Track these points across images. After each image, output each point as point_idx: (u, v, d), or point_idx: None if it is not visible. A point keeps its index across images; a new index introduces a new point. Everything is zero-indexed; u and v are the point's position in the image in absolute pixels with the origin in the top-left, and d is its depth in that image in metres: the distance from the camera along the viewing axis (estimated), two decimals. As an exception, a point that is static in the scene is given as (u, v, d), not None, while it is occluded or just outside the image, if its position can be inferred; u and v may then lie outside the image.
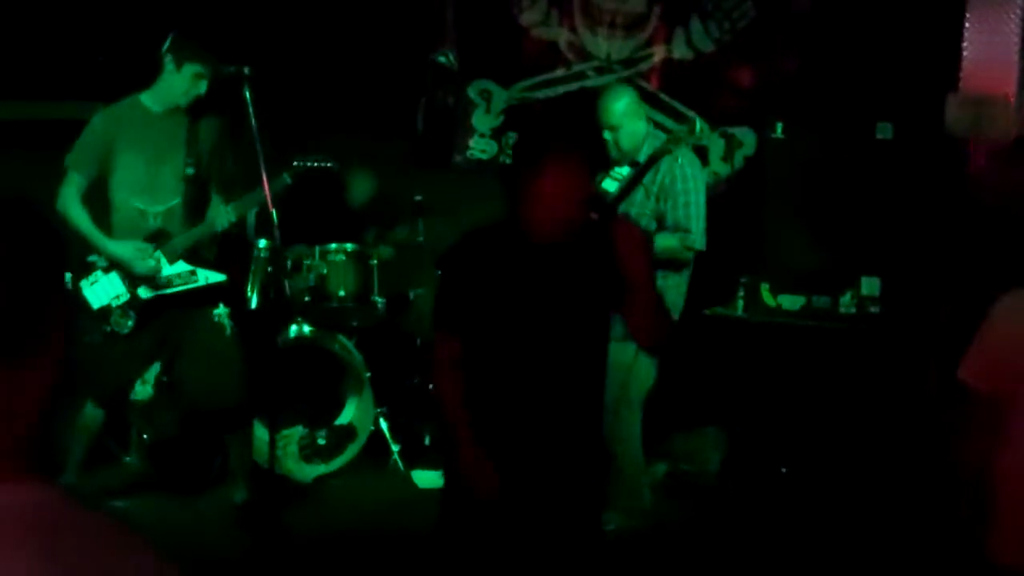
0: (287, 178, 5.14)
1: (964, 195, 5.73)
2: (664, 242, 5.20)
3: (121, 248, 5.11)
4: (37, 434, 1.21)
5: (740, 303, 6.07)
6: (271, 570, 4.87)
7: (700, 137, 5.37)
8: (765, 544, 5.10)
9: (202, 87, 5.07)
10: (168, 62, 5.05)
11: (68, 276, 5.09)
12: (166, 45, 5.06)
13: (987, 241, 5.46)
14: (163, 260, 5.15)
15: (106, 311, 5.14)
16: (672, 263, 5.27)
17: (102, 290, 5.17)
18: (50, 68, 6.01)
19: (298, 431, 6.05)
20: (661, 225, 5.22)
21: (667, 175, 5.16)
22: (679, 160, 5.18)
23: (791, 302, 6.10)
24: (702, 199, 5.27)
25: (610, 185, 5.28)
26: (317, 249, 6.05)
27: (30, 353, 1.19)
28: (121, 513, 5.10)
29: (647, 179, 5.14)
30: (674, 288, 5.35)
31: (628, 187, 5.16)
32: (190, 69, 5.03)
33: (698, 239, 5.23)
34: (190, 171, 5.14)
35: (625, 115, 5.24)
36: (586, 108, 5.84)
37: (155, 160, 5.11)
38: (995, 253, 5.42)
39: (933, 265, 5.74)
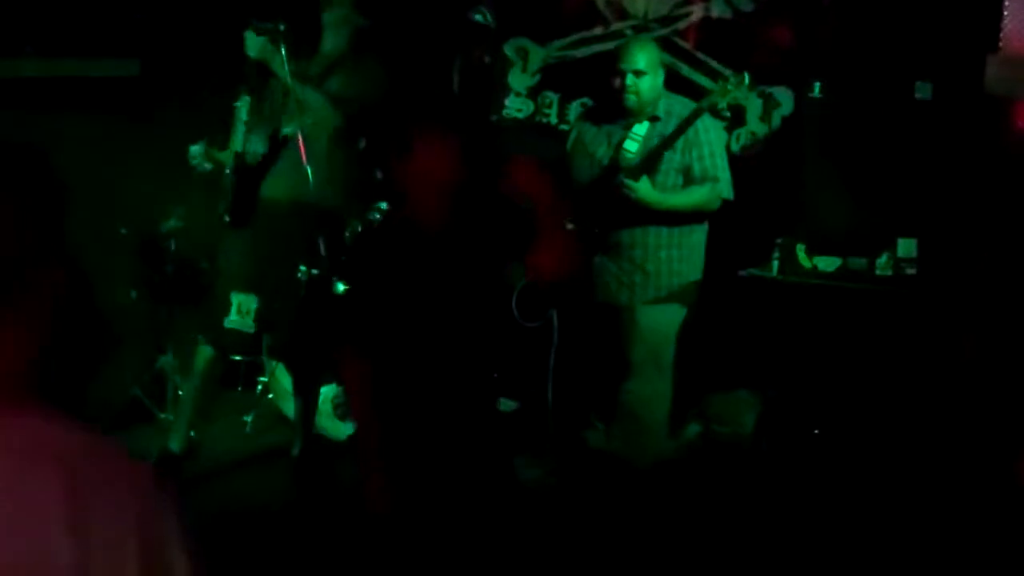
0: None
1: (1004, 156, 5.67)
2: (695, 195, 5.28)
3: None
4: (37, 369, 1.26)
5: (775, 264, 6.04)
6: (308, 524, 4.92)
7: (735, 96, 5.40)
8: (797, 506, 5.10)
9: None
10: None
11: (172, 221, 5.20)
12: None
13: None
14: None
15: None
16: (700, 215, 5.35)
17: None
18: (86, 25, 6.01)
19: (332, 389, 6.08)
20: (688, 178, 5.28)
21: (690, 128, 5.21)
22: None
23: (827, 263, 6.06)
24: (724, 151, 5.46)
25: (631, 145, 5.29)
26: (354, 207, 6.05)
27: (16, 292, 1.24)
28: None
29: (669, 132, 5.18)
30: (698, 245, 5.38)
31: (658, 151, 5.17)
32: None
33: (725, 188, 5.33)
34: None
35: (650, 63, 5.28)
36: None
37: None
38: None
39: (970, 227, 5.69)
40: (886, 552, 4.68)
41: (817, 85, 6.24)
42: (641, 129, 5.28)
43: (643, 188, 5.18)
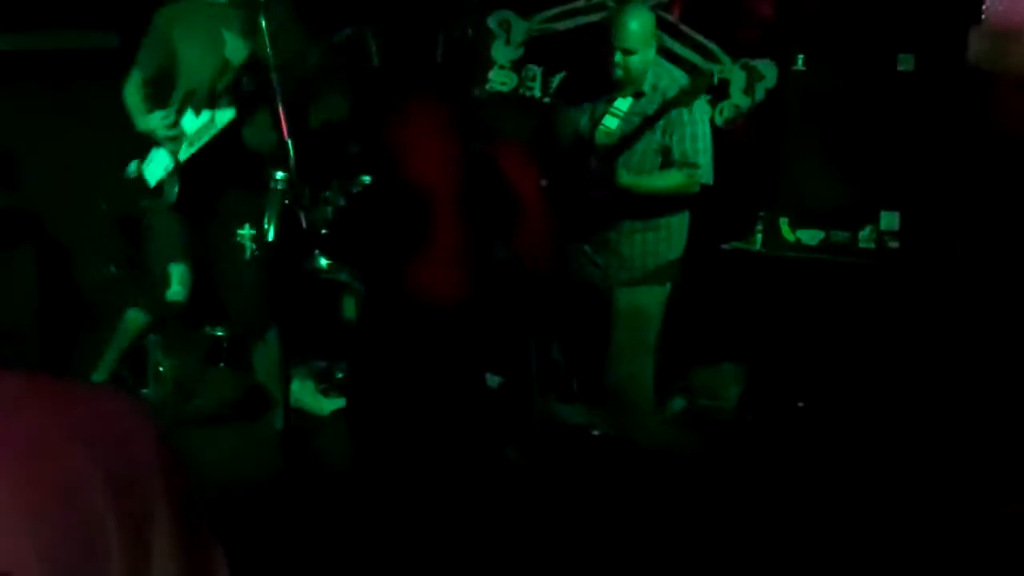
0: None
1: (987, 129, 5.67)
2: (672, 179, 5.19)
3: (149, 119, 5.24)
4: None
5: (759, 237, 6.05)
6: (295, 498, 4.90)
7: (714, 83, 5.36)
8: (780, 479, 5.11)
9: None
10: None
11: (134, 164, 5.24)
12: None
13: (1009, 176, 5.42)
14: (190, 115, 5.21)
15: (160, 185, 5.24)
16: (678, 199, 5.26)
17: (156, 166, 5.30)
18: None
19: (316, 365, 6.07)
20: (667, 159, 5.19)
21: (672, 110, 5.12)
22: (683, 84, 5.20)
23: (810, 236, 6.07)
24: (708, 130, 5.28)
25: (610, 122, 5.23)
26: (335, 182, 6.03)
27: None
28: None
29: (652, 110, 5.11)
30: (677, 226, 5.34)
31: (635, 134, 5.11)
32: None
33: (705, 173, 5.23)
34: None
35: (643, 40, 5.17)
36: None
37: (213, 49, 5.15)
38: (1016, 188, 5.38)
39: (953, 200, 5.69)
40: (869, 525, 4.69)
41: (800, 58, 6.23)
42: (623, 105, 5.20)
43: (618, 172, 5.12)
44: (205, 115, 5.29)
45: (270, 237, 5.51)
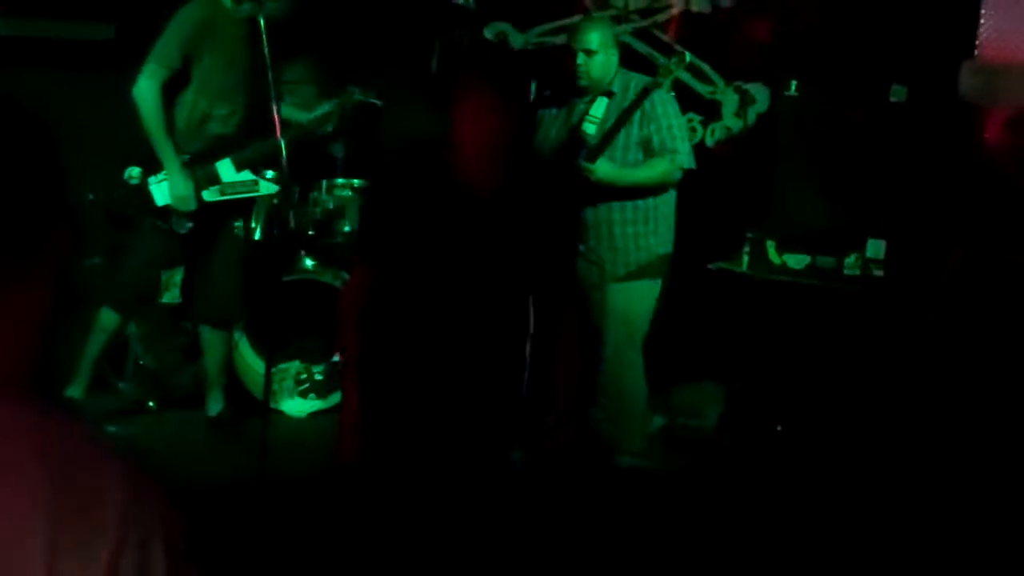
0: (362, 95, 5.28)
1: (975, 162, 5.71)
2: (655, 168, 5.30)
3: (174, 174, 5.24)
4: (39, 353, 1.15)
5: (745, 259, 6.06)
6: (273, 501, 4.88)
7: (676, 76, 5.47)
8: (755, 502, 5.11)
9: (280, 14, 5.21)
10: None
11: (137, 170, 5.22)
12: None
13: (995, 209, 5.45)
14: (228, 166, 5.22)
15: (168, 210, 5.22)
16: (664, 188, 5.36)
17: (169, 191, 5.28)
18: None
19: (295, 365, 6.05)
20: (648, 150, 5.30)
21: (647, 101, 5.24)
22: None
23: (796, 260, 6.09)
24: (683, 120, 5.53)
25: (589, 128, 5.31)
26: (324, 183, 6.02)
27: (23, 260, 1.13)
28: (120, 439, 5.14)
29: (627, 106, 5.21)
30: (664, 219, 5.43)
31: (614, 129, 5.21)
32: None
33: (686, 158, 5.34)
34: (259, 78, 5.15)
35: (602, 43, 5.33)
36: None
37: (229, 64, 5.14)
38: (1002, 221, 5.41)
39: (939, 231, 5.72)
40: (845, 551, 4.70)
41: (793, 83, 6.27)
42: (598, 110, 5.30)
43: (600, 169, 5.20)
44: (247, 174, 5.34)
45: (256, 236, 5.54)
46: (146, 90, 5.19)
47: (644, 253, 5.39)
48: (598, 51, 5.30)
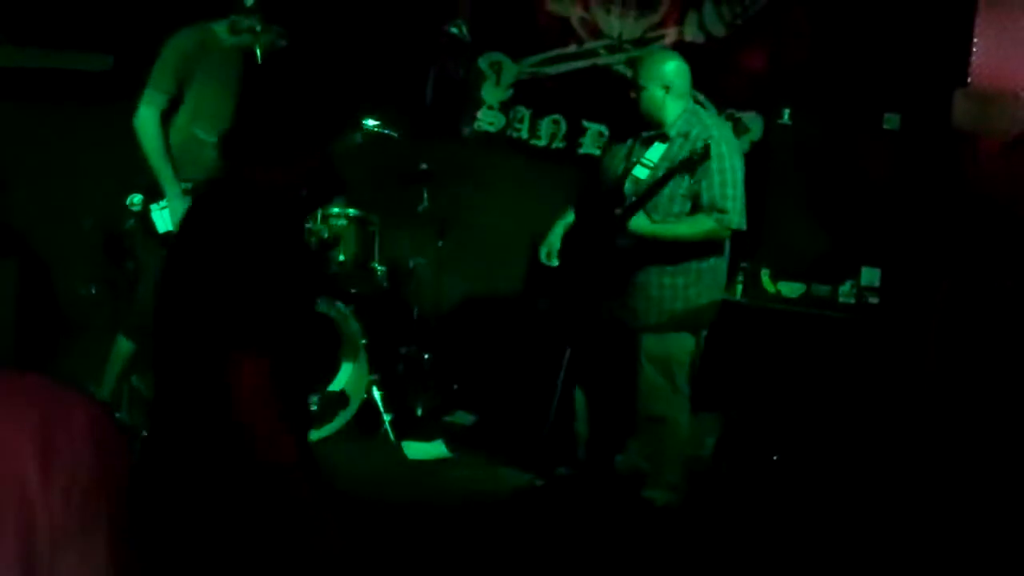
0: (358, 138, 5.24)
1: (968, 190, 5.73)
2: (698, 226, 5.06)
3: (175, 201, 5.23)
4: None
5: (740, 288, 6.08)
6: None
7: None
8: (752, 530, 5.10)
9: (280, 44, 5.29)
10: (258, 18, 5.20)
11: (139, 197, 5.22)
12: None
13: (988, 236, 5.46)
14: None
15: (170, 236, 5.23)
16: (710, 244, 5.16)
17: (172, 216, 5.25)
18: (61, 17, 5.97)
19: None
20: (695, 205, 5.06)
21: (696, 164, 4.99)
22: (714, 134, 5.05)
23: (791, 289, 6.11)
24: (740, 176, 5.11)
25: (640, 172, 5.15)
26: (319, 212, 6.03)
27: None
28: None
29: (682, 156, 5.01)
30: (709, 271, 5.24)
31: (662, 180, 5.01)
32: (277, 30, 5.28)
33: (735, 218, 5.07)
34: None
35: (648, 77, 5.12)
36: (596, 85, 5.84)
37: (222, 92, 5.15)
38: (995, 248, 5.42)
39: (934, 258, 5.73)
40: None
41: (787, 111, 6.30)
42: (654, 155, 5.10)
43: (635, 223, 5.00)
44: None
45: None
46: (146, 118, 5.23)
47: (680, 303, 5.18)
48: (645, 86, 5.09)
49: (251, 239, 2.71)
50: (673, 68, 5.18)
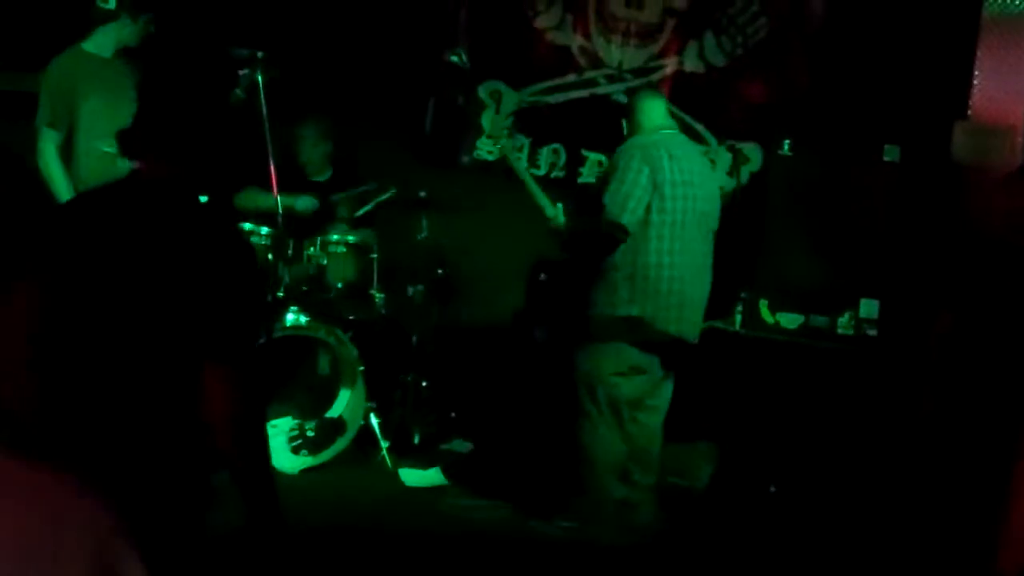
0: (240, 93, 5.30)
1: (967, 222, 5.72)
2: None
3: None
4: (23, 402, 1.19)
5: (738, 318, 6.06)
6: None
7: None
8: (748, 561, 5.08)
9: (152, 29, 5.29)
10: (124, 15, 5.21)
11: None
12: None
13: (987, 269, 5.45)
14: None
15: None
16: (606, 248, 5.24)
17: None
18: (56, 40, 5.98)
19: (287, 422, 6.02)
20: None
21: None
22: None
23: (789, 320, 6.09)
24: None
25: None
26: (319, 239, 6.03)
27: None
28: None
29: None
30: (608, 281, 5.29)
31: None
32: (145, 17, 5.25)
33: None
34: None
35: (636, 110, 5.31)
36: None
37: (115, 102, 5.14)
38: (994, 281, 5.41)
39: (933, 291, 5.72)
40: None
41: (786, 143, 6.29)
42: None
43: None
44: None
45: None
46: (47, 155, 5.20)
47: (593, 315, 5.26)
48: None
49: (156, 236, 2.64)
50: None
